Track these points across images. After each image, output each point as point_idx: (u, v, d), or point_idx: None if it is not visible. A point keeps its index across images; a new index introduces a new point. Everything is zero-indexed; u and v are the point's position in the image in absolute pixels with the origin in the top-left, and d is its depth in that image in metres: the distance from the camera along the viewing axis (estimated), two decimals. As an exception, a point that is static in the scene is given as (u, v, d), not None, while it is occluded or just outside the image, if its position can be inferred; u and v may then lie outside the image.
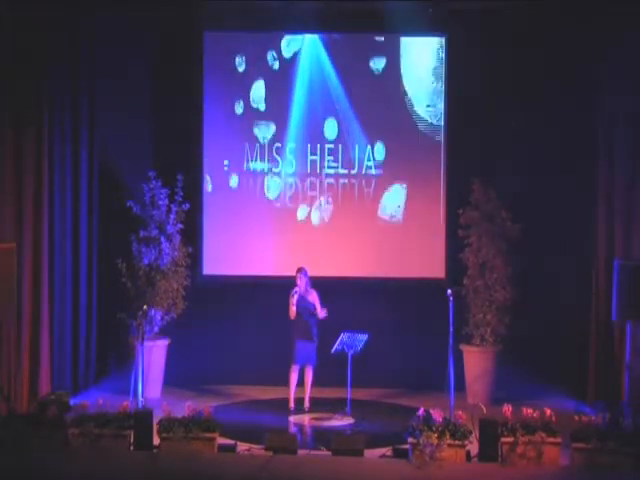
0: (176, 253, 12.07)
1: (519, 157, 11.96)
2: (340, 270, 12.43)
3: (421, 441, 8.61)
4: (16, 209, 10.77)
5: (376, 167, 12.59)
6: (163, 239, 11.93)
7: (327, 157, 12.62)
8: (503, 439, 8.73)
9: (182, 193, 12.03)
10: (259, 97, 12.61)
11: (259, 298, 12.32)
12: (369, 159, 12.61)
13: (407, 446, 8.84)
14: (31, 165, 10.91)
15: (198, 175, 12.60)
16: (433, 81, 12.52)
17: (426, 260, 12.53)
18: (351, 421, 10.72)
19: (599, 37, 11.18)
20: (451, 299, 10.09)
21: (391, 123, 12.53)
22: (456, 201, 12.17)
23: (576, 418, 8.98)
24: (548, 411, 8.90)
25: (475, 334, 11.86)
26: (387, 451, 9.21)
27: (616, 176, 11.03)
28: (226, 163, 12.70)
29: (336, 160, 12.64)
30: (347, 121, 12.55)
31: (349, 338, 10.84)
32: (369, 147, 12.59)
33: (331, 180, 12.66)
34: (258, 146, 12.64)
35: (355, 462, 8.78)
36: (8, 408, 9.61)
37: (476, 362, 11.80)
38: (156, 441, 9.05)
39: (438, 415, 8.86)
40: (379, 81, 12.54)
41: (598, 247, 11.25)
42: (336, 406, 11.07)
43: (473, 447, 8.87)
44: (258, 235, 12.61)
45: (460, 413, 9.00)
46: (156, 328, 11.99)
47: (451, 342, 10.04)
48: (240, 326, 12.37)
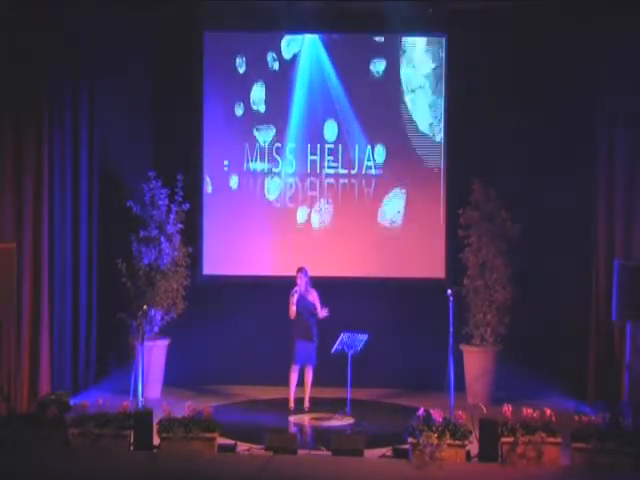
0: (176, 253, 12.07)
1: (519, 157, 11.96)
2: (340, 270, 12.42)
3: (421, 441, 8.61)
4: (16, 209, 10.77)
5: (376, 167, 12.59)
6: (163, 239, 11.94)
7: (327, 157, 12.61)
8: (503, 439, 8.72)
9: (182, 193, 12.04)
10: (259, 98, 12.60)
11: (259, 298, 12.33)
12: (369, 159, 12.60)
13: (407, 446, 8.84)
14: (31, 165, 10.91)
15: (198, 175, 12.60)
16: (433, 81, 12.52)
17: (426, 260, 12.53)
18: (351, 421, 10.71)
19: (599, 37, 11.19)
20: (451, 299, 10.09)
21: (391, 123, 12.53)
22: (456, 201, 12.17)
23: (576, 418, 8.97)
24: (548, 411, 8.90)
25: (475, 334, 11.86)
26: (387, 451, 9.20)
27: (616, 176, 11.03)
28: (226, 163, 12.70)
29: (336, 160, 12.63)
30: (347, 121, 12.54)
31: (349, 338, 10.84)
32: (369, 147, 12.58)
33: (331, 180, 12.65)
34: (258, 146, 12.64)
35: (355, 462, 8.78)
36: (8, 408, 9.61)
37: (476, 362, 11.80)
38: (156, 441, 9.04)
39: (438, 415, 8.86)
40: (379, 81, 12.53)
41: (598, 247, 11.25)
42: (336, 406, 11.06)
43: (473, 447, 8.87)
44: (258, 235, 12.61)
45: (460, 413, 9.00)
46: (156, 328, 11.99)
47: (451, 342, 10.03)
48: (240, 326, 12.36)
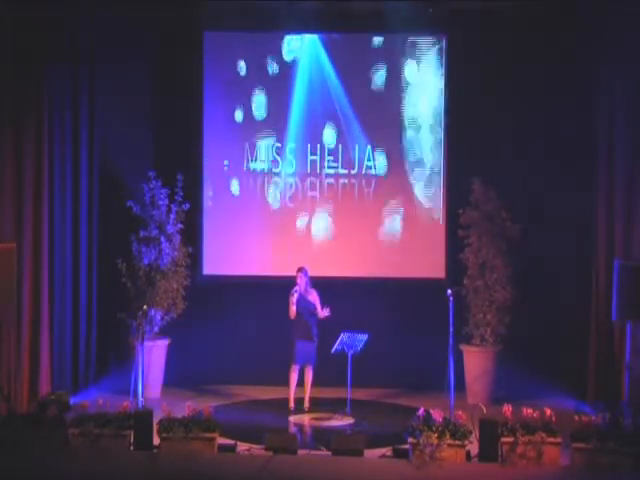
0: (176, 253, 12.07)
1: (519, 157, 11.96)
2: (340, 270, 12.42)
3: (421, 441, 8.60)
4: (16, 209, 10.76)
5: (376, 167, 12.59)
6: (163, 239, 11.93)
7: (327, 157, 12.60)
8: (503, 439, 8.72)
9: (182, 193, 12.04)
10: (259, 100, 12.58)
11: (259, 298, 12.32)
12: (369, 159, 12.60)
13: (407, 446, 8.84)
14: (31, 165, 10.91)
15: (198, 175, 12.60)
16: (433, 82, 12.51)
17: (426, 260, 12.53)
18: (351, 421, 10.72)
19: (599, 37, 11.18)
20: (451, 299, 10.08)
21: (391, 123, 12.53)
22: (456, 201, 12.17)
23: (576, 418, 8.96)
24: (548, 411, 8.89)
25: (475, 334, 11.86)
26: (387, 451, 9.20)
27: (616, 176, 11.02)
28: (226, 163, 12.69)
29: (336, 160, 12.62)
30: (347, 121, 12.53)
31: (349, 338, 10.84)
32: (369, 147, 12.58)
33: (331, 180, 12.64)
34: (258, 146, 12.63)
35: (355, 462, 8.78)
36: (8, 408, 9.60)
37: (476, 362, 11.80)
38: (156, 441, 9.04)
39: (438, 415, 8.86)
40: (379, 81, 12.51)
41: (598, 247, 11.25)
42: (336, 406, 11.06)
43: (473, 447, 8.87)
44: (258, 235, 12.61)
45: (460, 413, 8.99)
46: (156, 328, 11.99)
47: (451, 342, 10.03)
48: (240, 326, 12.36)
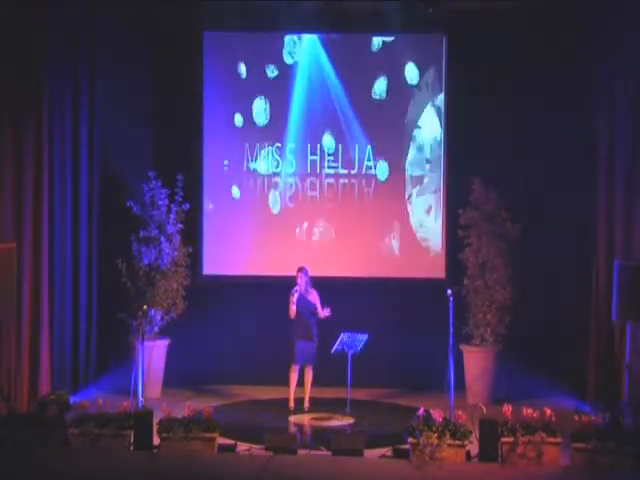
0: (176, 253, 12.07)
1: (519, 157, 11.96)
2: (340, 270, 12.42)
3: (421, 441, 8.60)
4: (16, 209, 10.75)
5: (376, 168, 12.59)
6: (163, 239, 11.93)
7: (327, 157, 12.61)
8: (503, 439, 8.72)
9: (182, 193, 12.04)
10: (260, 102, 12.57)
11: (259, 298, 12.31)
12: (369, 159, 12.60)
13: (407, 446, 8.83)
14: (31, 165, 10.89)
15: (198, 175, 12.60)
16: (433, 81, 12.51)
17: (426, 260, 12.54)
18: (351, 421, 10.72)
19: (599, 37, 11.18)
20: (451, 299, 10.07)
21: (391, 123, 12.53)
22: (456, 201, 12.17)
23: (576, 418, 8.95)
24: (548, 411, 8.89)
25: (475, 334, 11.86)
26: (387, 451, 9.20)
27: (616, 176, 11.01)
28: (226, 163, 12.69)
29: (336, 160, 12.63)
30: (347, 122, 12.53)
31: (349, 338, 10.83)
32: (369, 147, 12.58)
33: (331, 180, 12.65)
34: (258, 146, 12.64)
35: (355, 462, 8.77)
36: (8, 408, 9.60)
37: (476, 362, 11.80)
38: (156, 441, 9.04)
39: (438, 415, 8.85)
40: (379, 80, 12.52)
41: (598, 247, 11.24)
42: (336, 406, 11.06)
43: (473, 447, 8.86)
44: (258, 235, 12.60)
45: (460, 413, 8.99)
46: (156, 328, 11.99)
47: (451, 342, 10.02)
48: (240, 326, 12.35)
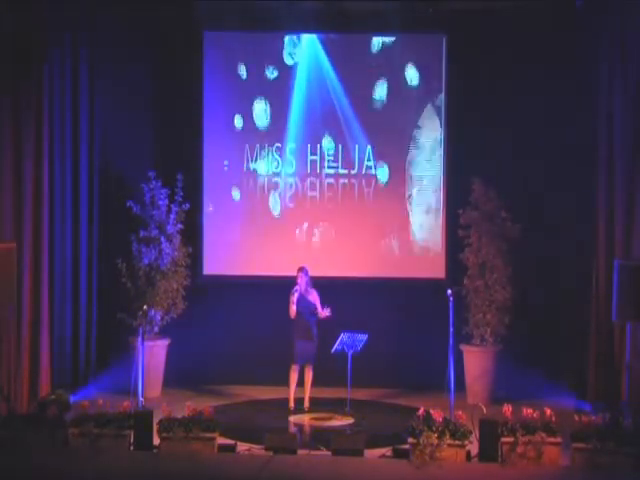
0: (176, 253, 12.07)
1: (519, 157, 11.96)
2: (340, 270, 12.42)
3: (421, 441, 8.60)
4: (16, 209, 10.75)
5: (376, 168, 12.59)
6: (163, 239, 11.94)
7: (327, 157, 12.60)
8: (503, 439, 8.71)
9: (182, 193, 12.04)
10: (260, 103, 12.57)
11: (259, 298, 12.31)
12: (369, 159, 12.60)
13: (407, 446, 8.83)
14: (31, 165, 10.90)
15: (198, 175, 12.60)
16: (433, 82, 12.51)
17: (426, 260, 12.54)
18: (351, 421, 10.71)
19: (599, 37, 11.18)
20: (451, 299, 10.08)
21: (391, 123, 12.53)
22: (456, 201, 12.17)
23: (576, 418, 8.95)
24: (548, 411, 8.88)
25: (475, 334, 11.86)
26: (387, 451, 9.20)
27: (616, 176, 11.01)
28: (226, 163, 12.69)
29: (336, 160, 12.63)
30: (347, 122, 12.53)
31: (349, 338, 10.83)
32: (369, 147, 12.58)
33: (331, 180, 12.64)
34: (258, 146, 12.64)
35: (355, 462, 8.77)
36: (8, 408, 9.60)
37: (476, 362, 11.80)
38: (156, 441, 9.04)
39: (438, 415, 8.85)
40: (378, 82, 12.53)
41: (598, 247, 11.24)
42: (336, 406, 11.06)
43: (473, 447, 8.86)
44: (258, 235, 12.60)
45: (460, 413, 8.99)
46: (156, 328, 11.98)
47: (451, 342, 10.03)
48: (240, 326, 12.35)
